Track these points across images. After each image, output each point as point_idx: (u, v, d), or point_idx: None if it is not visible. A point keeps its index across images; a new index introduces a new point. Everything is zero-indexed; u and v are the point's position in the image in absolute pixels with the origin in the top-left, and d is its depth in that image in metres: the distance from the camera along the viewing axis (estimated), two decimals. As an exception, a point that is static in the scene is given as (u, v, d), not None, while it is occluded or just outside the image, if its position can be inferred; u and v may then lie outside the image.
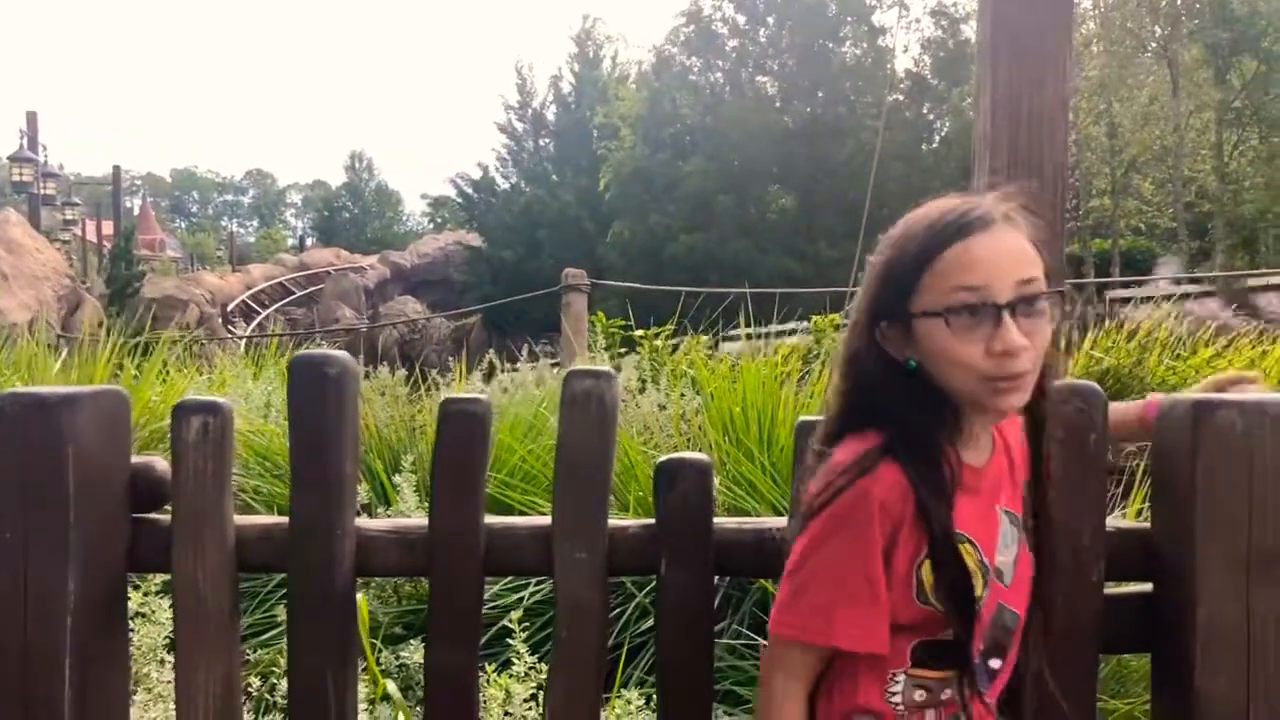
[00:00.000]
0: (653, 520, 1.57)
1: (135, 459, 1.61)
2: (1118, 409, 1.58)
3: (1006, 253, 1.22)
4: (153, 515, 1.63)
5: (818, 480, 1.27)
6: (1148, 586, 1.58)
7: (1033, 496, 1.37)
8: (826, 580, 1.24)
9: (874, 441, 1.26)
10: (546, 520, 1.58)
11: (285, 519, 1.57)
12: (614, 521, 1.58)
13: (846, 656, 1.26)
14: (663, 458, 1.57)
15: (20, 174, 21.36)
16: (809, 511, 1.27)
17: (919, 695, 1.27)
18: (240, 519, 1.59)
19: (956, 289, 1.21)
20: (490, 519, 1.58)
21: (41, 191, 22.25)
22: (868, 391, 1.30)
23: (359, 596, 1.67)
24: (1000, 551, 1.30)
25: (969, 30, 19.14)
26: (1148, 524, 1.60)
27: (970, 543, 1.26)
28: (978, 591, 1.26)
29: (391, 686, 2.39)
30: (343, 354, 1.58)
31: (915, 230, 1.26)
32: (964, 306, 1.20)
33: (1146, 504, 3.20)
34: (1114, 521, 1.60)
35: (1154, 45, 20.04)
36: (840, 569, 1.23)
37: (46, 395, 1.47)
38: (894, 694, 1.27)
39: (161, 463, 1.62)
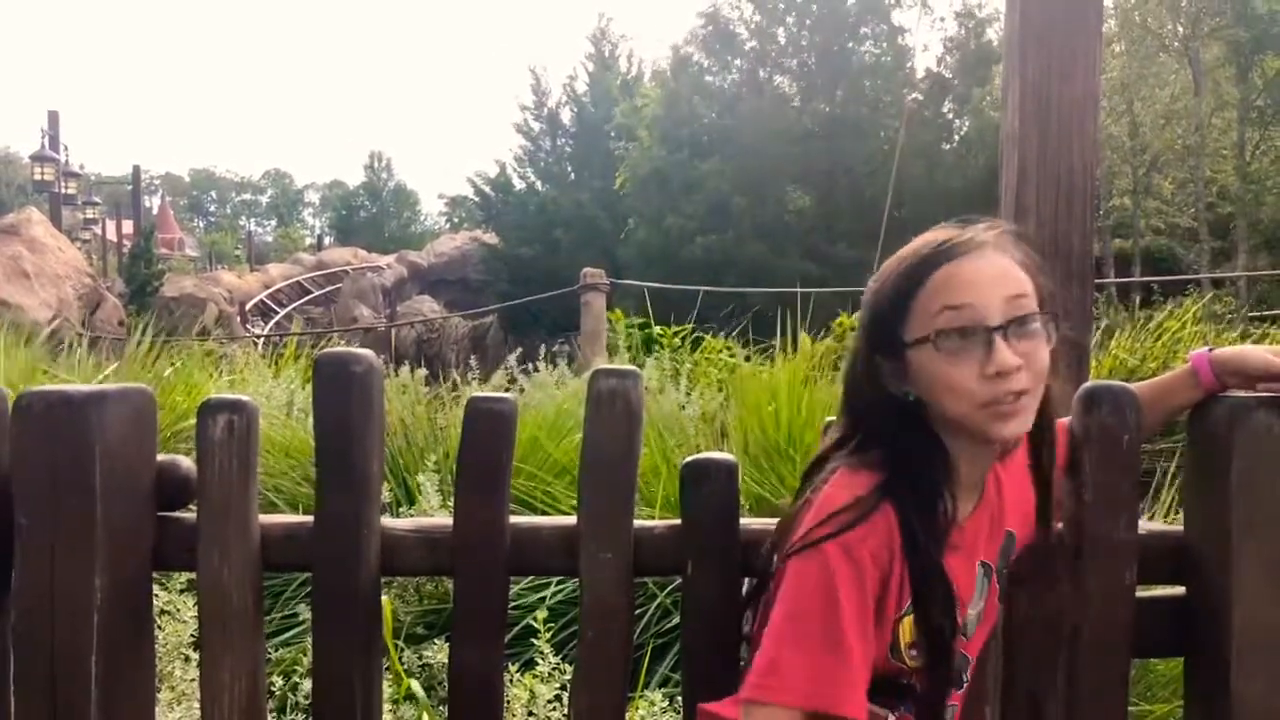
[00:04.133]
0: (678, 520, 1.56)
1: (160, 457, 1.61)
2: (1158, 385, 1.51)
3: (992, 273, 1.19)
4: (177, 514, 1.63)
5: (812, 514, 1.21)
6: (1180, 590, 1.56)
7: (1037, 534, 1.34)
8: (826, 638, 1.15)
9: (870, 481, 1.21)
10: (572, 520, 1.57)
11: (310, 518, 1.56)
12: (640, 522, 1.56)
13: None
14: (689, 458, 1.55)
15: (42, 173, 21.56)
16: (804, 543, 1.19)
17: None
18: (265, 518, 1.59)
19: (943, 309, 1.18)
20: (515, 519, 1.57)
21: (62, 191, 22.45)
22: (866, 424, 1.27)
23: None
24: (971, 605, 1.28)
25: (992, 32, 19.04)
26: (1179, 527, 1.59)
27: None
28: None
29: (416, 686, 2.39)
30: (368, 352, 1.58)
31: (903, 259, 1.24)
32: (953, 329, 1.17)
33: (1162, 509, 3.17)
34: (1145, 524, 1.58)
35: (1175, 44, 19.87)
36: (837, 622, 1.15)
37: (73, 393, 1.47)
38: None
39: (186, 461, 1.62)
